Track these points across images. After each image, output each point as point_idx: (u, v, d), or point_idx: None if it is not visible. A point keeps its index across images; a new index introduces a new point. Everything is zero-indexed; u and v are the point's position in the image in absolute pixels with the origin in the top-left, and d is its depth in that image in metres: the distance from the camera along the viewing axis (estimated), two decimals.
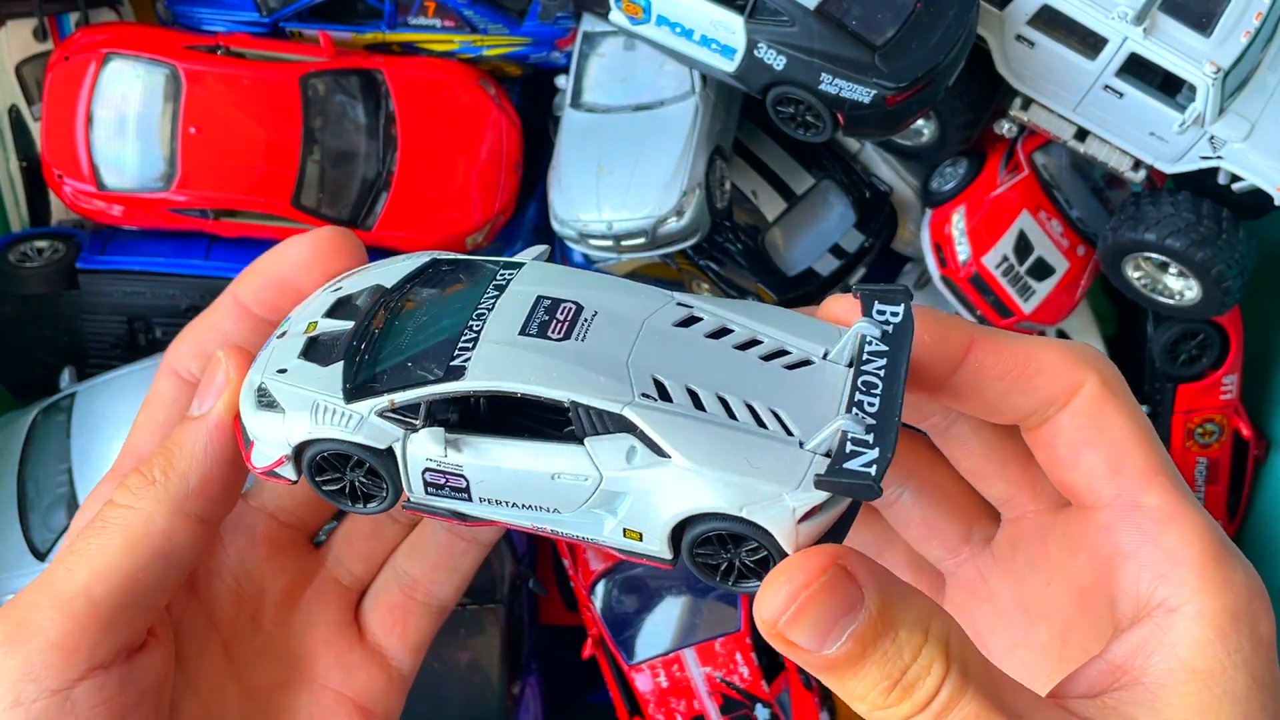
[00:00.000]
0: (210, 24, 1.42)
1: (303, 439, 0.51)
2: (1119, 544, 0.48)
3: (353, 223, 1.39)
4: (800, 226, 1.44)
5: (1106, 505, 0.49)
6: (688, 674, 1.34)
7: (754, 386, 0.48)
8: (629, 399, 0.47)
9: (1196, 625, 0.45)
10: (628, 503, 0.48)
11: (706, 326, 0.51)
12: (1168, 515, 0.47)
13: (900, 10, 1.16)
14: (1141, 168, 1.31)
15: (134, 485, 0.53)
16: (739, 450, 0.46)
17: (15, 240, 1.38)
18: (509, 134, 1.44)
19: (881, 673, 0.43)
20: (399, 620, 0.65)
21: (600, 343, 0.49)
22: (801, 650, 0.44)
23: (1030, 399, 0.50)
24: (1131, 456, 0.49)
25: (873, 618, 0.43)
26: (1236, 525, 1.55)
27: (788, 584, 0.43)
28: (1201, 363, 1.47)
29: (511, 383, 0.48)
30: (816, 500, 0.45)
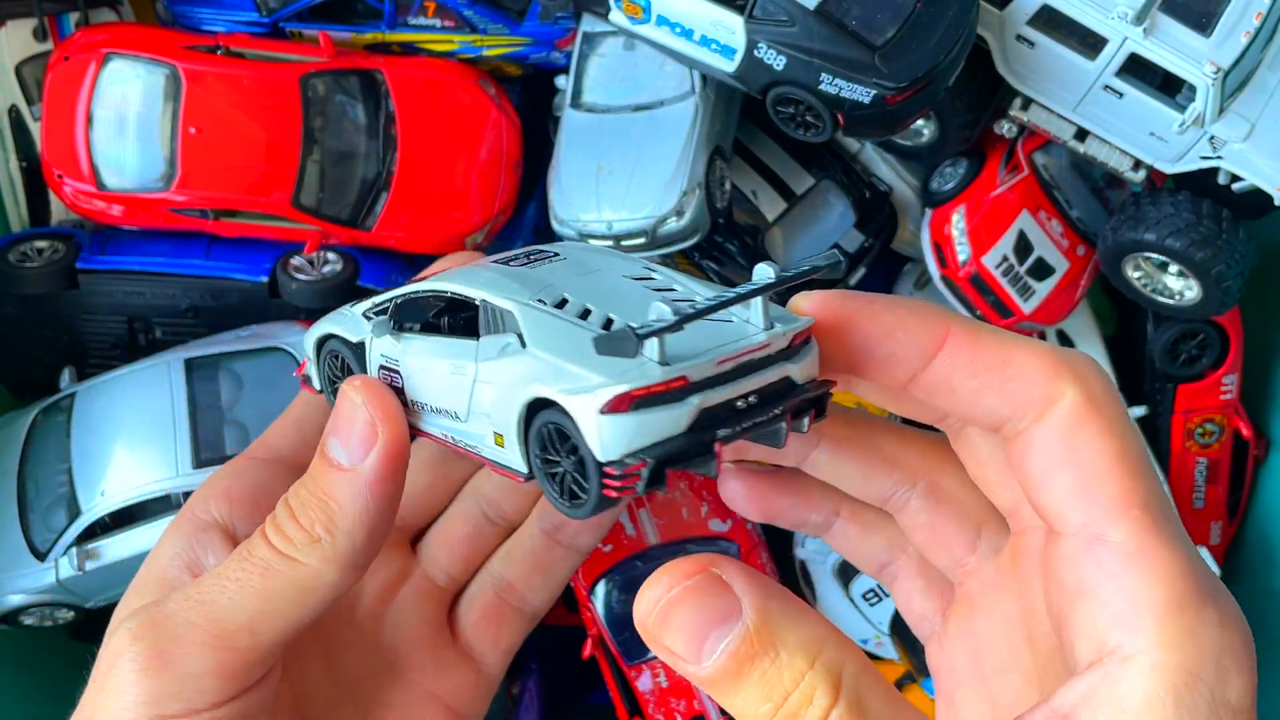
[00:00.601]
0: (210, 24, 1.42)
1: (317, 335, 0.60)
2: (1080, 579, 0.44)
3: (352, 223, 1.39)
4: (800, 226, 1.44)
5: (1073, 534, 0.45)
6: None
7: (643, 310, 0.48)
8: (525, 300, 0.49)
9: (1148, 680, 0.40)
10: (494, 398, 0.49)
11: (651, 283, 0.52)
12: (1134, 554, 0.43)
13: (900, 10, 1.16)
14: (1141, 168, 1.31)
15: (295, 538, 0.53)
16: (578, 342, 0.46)
17: (15, 240, 1.38)
18: (509, 134, 1.44)
19: (760, 693, 0.41)
20: (492, 623, 0.66)
21: (543, 271, 0.52)
22: (680, 660, 0.42)
23: (1004, 403, 0.47)
24: (1105, 483, 0.44)
25: (749, 633, 0.41)
26: (1236, 525, 1.55)
27: (658, 580, 0.43)
28: (1201, 363, 1.47)
29: (446, 283, 0.53)
30: (625, 389, 0.43)
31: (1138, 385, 1.51)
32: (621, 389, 0.43)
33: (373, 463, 0.52)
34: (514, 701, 1.36)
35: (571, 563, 0.67)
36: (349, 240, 1.40)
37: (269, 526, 0.54)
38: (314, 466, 0.53)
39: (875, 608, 1.43)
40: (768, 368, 0.47)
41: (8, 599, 1.24)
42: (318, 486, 0.53)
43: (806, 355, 0.48)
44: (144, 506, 1.21)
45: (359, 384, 0.53)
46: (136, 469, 1.21)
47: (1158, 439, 1.50)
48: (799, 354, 0.48)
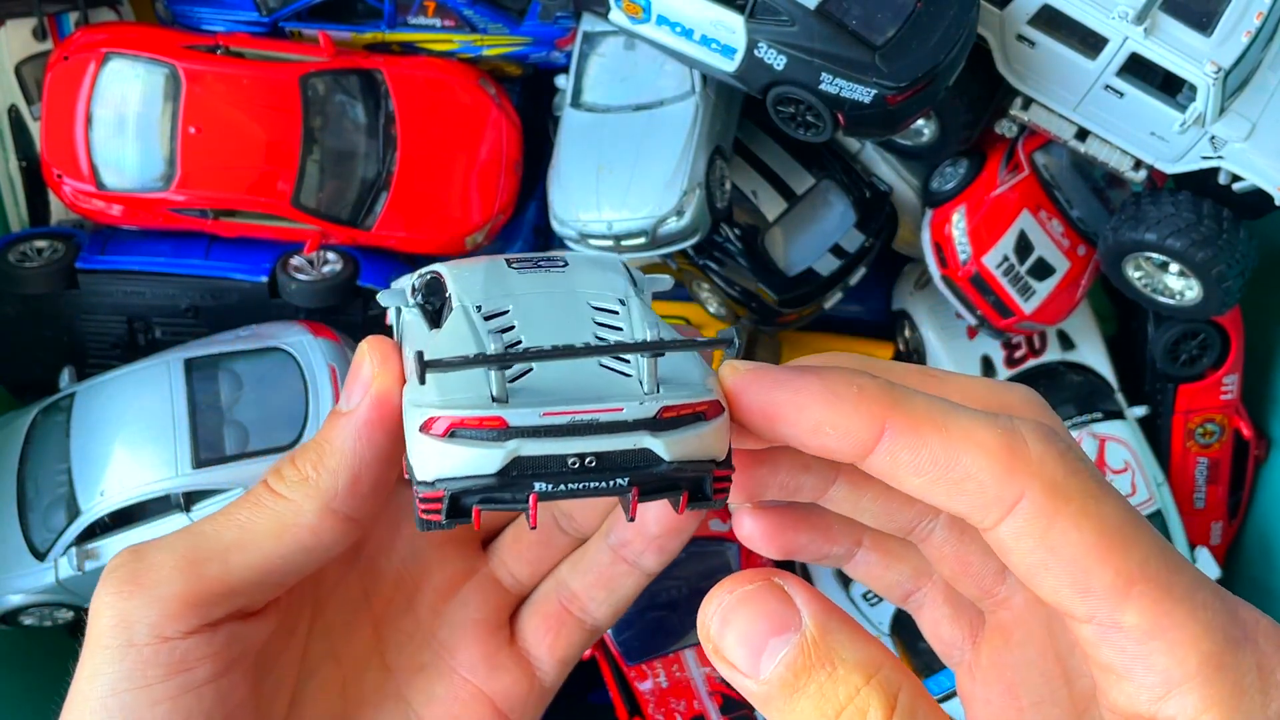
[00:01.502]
0: (210, 24, 1.42)
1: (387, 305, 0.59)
2: (1108, 664, 0.43)
3: (352, 223, 1.39)
4: (800, 226, 1.44)
5: (1085, 621, 0.43)
6: (688, 674, 1.34)
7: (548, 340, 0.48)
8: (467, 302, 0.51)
9: None
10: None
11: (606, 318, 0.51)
12: (1153, 632, 0.41)
13: (900, 10, 1.16)
14: (1142, 167, 1.31)
15: (287, 476, 0.54)
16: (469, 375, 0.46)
17: (15, 240, 1.38)
18: (509, 134, 1.44)
19: (814, 708, 0.40)
20: (551, 630, 0.65)
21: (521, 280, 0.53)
22: (739, 673, 0.42)
23: (956, 504, 0.44)
24: (1096, 574, 0.42)
25: (807, 645, 0.41)
26: (1237, 525, 1.55)
27: (718, 590, 0.43)
28: (1202, 363, 1.46)
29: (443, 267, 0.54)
30: (435, 414, 0.44)
31: (1138, 385, 1.50)
32: (437, 414, 0.44)
33: (365, 404, 0.53)
34: None
35: (637, 581, 0.65)
36: (349, 240, 1.40)
37: (270, 471, 0.55)
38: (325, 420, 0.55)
39: (875, 608, 1.43)
40: (618, 433, 0.45)
41: (8, 599, 1.24)
42: (320, 433, 0.54)
43: (688, 432, 0.45)
44: (143, 506, 1.21)
45: (370, 339, 0.54)
46: (136, 469, 1.20)
47: (1158, 439, 1.50)
48: (673, 428, 0.45)
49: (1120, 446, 1.43)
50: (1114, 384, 1.48)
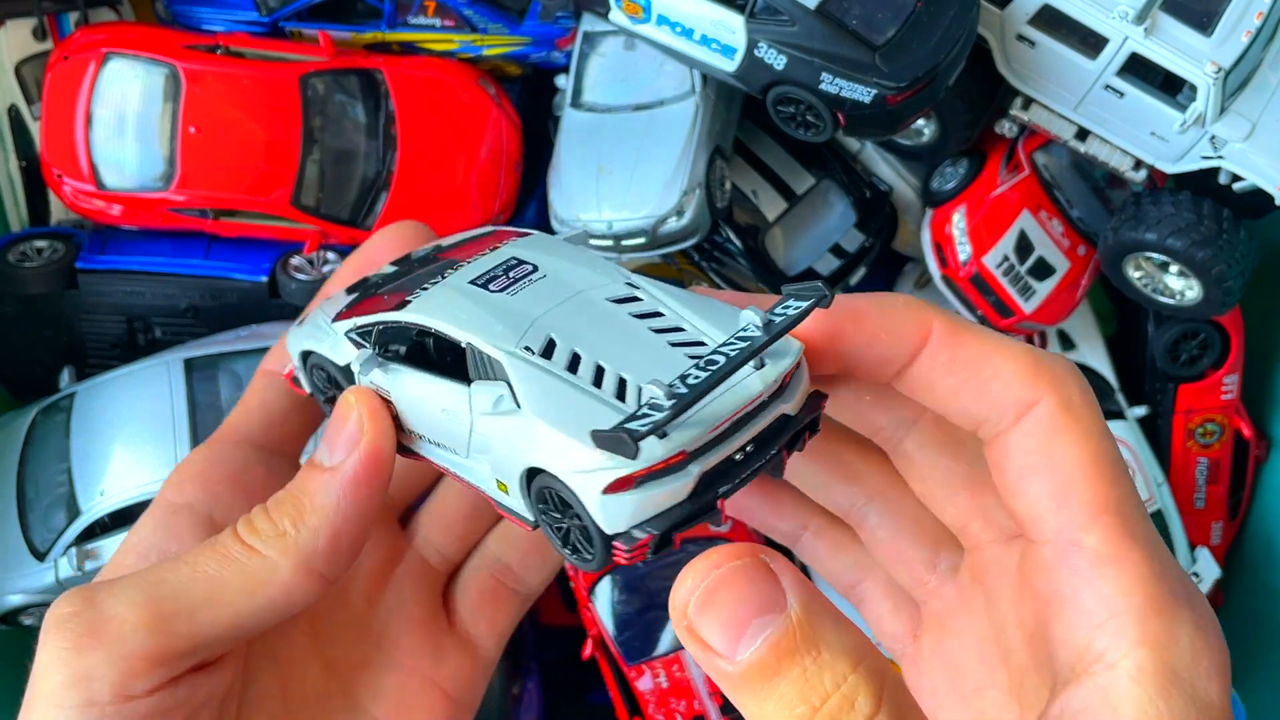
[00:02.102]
0: (210, 24, 1.42)
1: (301, 349, 0.58)
2: (1057, 586, 0.44)
3: (352, 222, 1.39)
4: (800, 226, 1.44)
5: (1048, 541, 0.45)
6: (688, 674, 1.34)
7: (640, 363, 0.47)
8: (510, 348, 0.48)
9: (1137, 684, 0.41)
10: (495, 451, 0.49)
11: (637, 308, 0.51)
12: (1108, 558, 0.43)
13: (900, 10, 1.16)
14: (1142, 167, 1.31)
15: (262, 529, 0.51)
16: (583, 415, 0.45)
17: (15, 240, 1.38)
18: (509, 134, 1.44)
19: (797, 693, 0.39)
20: (489, 605, 0.64)
21: (524, 300, 0.50)
22: (713, 654, 0.40)
23: (980, 405, 0.47)
24: (1079, 490, 0.44)
25: (792, 627, 0.39)
26: (1237, 525, 1.55)
27: (700, 563, 0.41)
28: (1202, 362, 1.46)
29: (430, 319, 0.51)
30: (623, 472, 0.43)
31: (1138, 385, 1.50)
32: (622, 472, 0.43)
33: (353, 461, 0.51)
34: (514, 701, 1.36)
35: None
36: (349, 240, 1.40)
37: (241, 522, 0.52)
38: (300, 471, 0.52)
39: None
40: (762, 413, 0.46)
41: (7, 599, 1.24)
42: (296, 486, 0.52)
43: (798, 384, 0.48)
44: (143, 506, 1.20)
45: (356, 391, 0.53)
46: (136, 469, 1.20)
47: (1158, 439, 1.50)
48: (790, 387, 0.47)
49: (1120, 446, 1.43)
50: (1114, 384, 1.48)
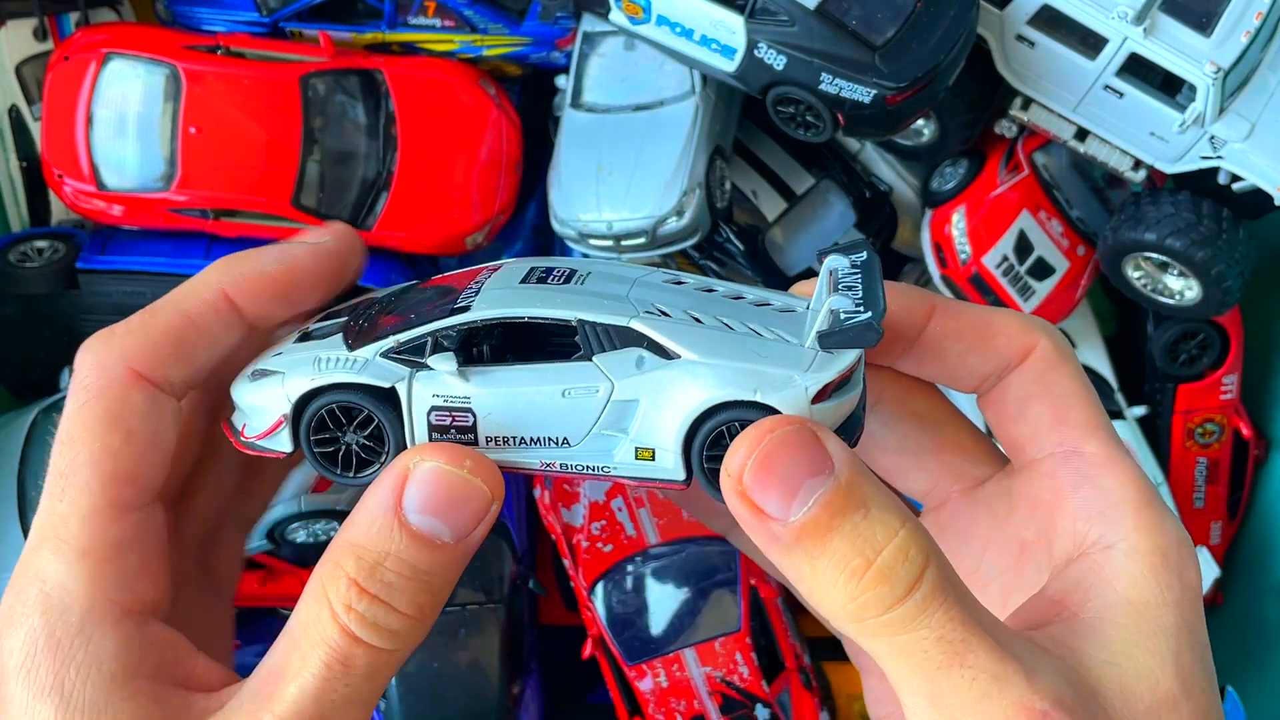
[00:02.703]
0: (210, 24, 1.42)
1: (305, 390, 0.50)
2: (1060, 486, 0.50)
3: (353, 223, 1.39)
4: (800, 226, 1.44)
5: (1050, 454, 0.51)
6: (688, 674, 1.35)
7: (748, 317, 0.50)
8: (634, 313, 0.49)
9: (1132, 561, 0.46)
10: (640, 413, 0.49)
11: (694, 285, 0.53)
12: (1106, 460, 0.50)
13: (900, 10, 1.16)
14: (1142, 167, 1.31)
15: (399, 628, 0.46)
16: (747, 347, 0.48)
17: (15, 240, 1.38)
18: (509, 134, 1.44)
19: (852, 547, 0.41)
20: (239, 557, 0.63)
21: (598, 286, 0.51)
22: (766, 518, 0.42)
23: (988, 360, 0.53)
24: (1075, 410, 0.51)
25: (841, 486, 0.42)
26: (1236, 525, 1.55)
27: (752, 432, 0.43)
28: (1201, 362, 1.47)
29: (517, 309, 0.49)
30: (827, 379, 0.46)
31: (1138, 385, 1.50)
32: (827, 379, 0.46)
33: (481, 532, 0.48)
34: (514, 701, 1.36)
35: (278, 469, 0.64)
36: None
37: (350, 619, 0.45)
38: (396, 541, 0.46)
39: None
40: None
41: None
42: (412, 567, 0.46)
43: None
44: None
45: (466, 457, 0.47)
46: None
47: (1158, 439, 1.50)
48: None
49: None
50: (1114, 384, 1.48)
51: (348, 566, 0.45)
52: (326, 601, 0.45)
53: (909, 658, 0.41)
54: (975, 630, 0.41)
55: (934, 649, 0.41)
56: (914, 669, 0.41)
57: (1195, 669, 0.45)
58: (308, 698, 0.45)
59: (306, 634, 0.46)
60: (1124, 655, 0.44)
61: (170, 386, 0.52)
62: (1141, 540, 0.47)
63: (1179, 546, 0.47)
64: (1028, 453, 0.52)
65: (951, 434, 0.57)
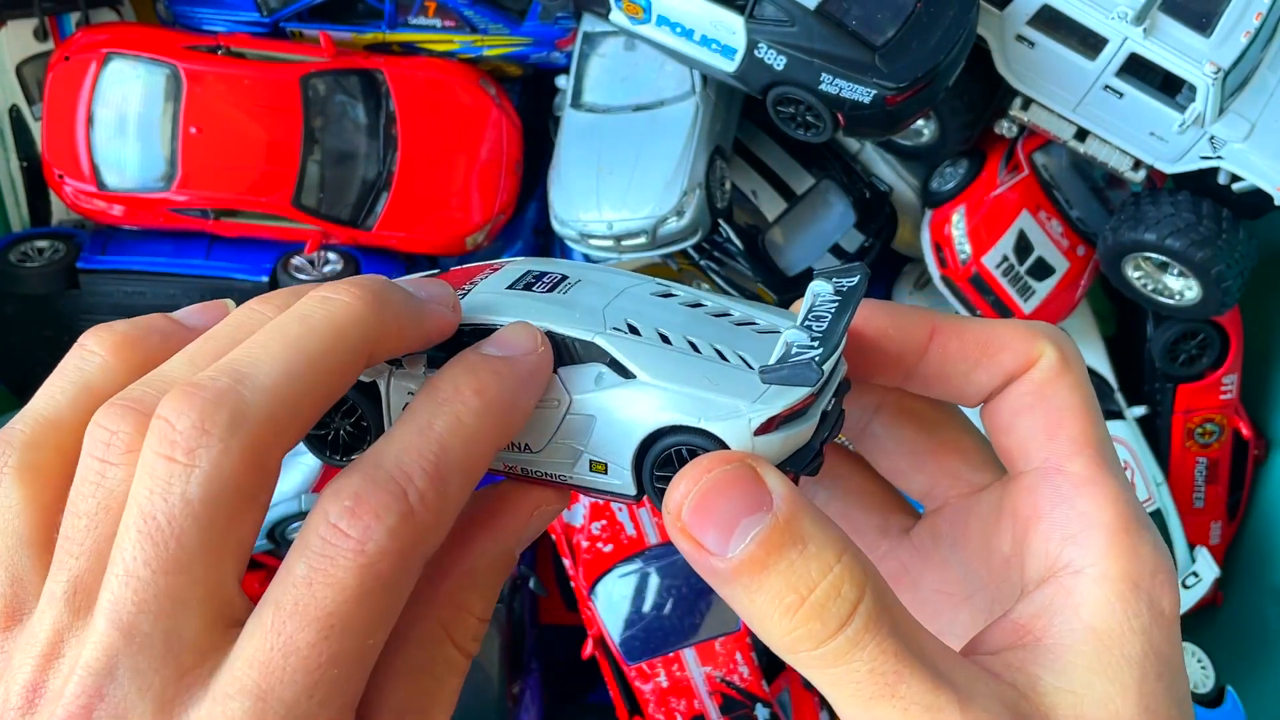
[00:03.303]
0: (211, 24, 1.42)
1: None
2: (1038, 504, 0.50)
3: (353, 223, 1.39)
4: (800, 226, 1.44)
5: (1035, 469, 0.51)
6: (688, 674, 1.35)
7: (722, 337, 0.50)
8: (600, 329, 0.49)
9: (1099, 587, 0.46)
10: (594, 429, 0.50)
11: (682, 299, 0.54)
12: (1087, 480, 0.49)
13: (900, 10, 1.16)
14: (1141, 168, 1.31)
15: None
16: (702, 373, 0.48)
17: (16, 240, 1.38)
18: (509, 134, 1.44)
19: (785, 584, 0.42)
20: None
21: (580, 296, 0.52)
22: (705, 553, 0.43)
23: (994, 376, 0.52)
24: (1067, 425, 0.50)
25: (779, 523, 0.42)
26: (1236, 525, 1.55)
27: (691, 470, 0.44)
28: (1201, 362, 1.47)
29: (492, 316, 0.50)
30: (772, 412, 0.46)
31: (1138, 385, 1.51)
32: (772, 413, 0.46)
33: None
34: (514, 701, 1.36)
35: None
36: (349, 240, 1.40)
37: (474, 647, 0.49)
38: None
39: None
40: (838, 368, 0.50)
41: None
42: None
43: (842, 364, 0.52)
44: None
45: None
46: None
47: (1157, 439, 1.50)
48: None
49: (1119, 446, 1.43)
50: (1113, 384, 1.49)
51: (475, 608, 0.48)
52: (451, 643, 0.47)
53: (842, 688, 0.42)
54: (909, 662, 0.42)
55: (865, 680, 0.42)
56: (848, 699, 0.42)
57: (1161, 697, 0.45)
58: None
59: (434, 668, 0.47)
60: (1081, 683, 0.44)
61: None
62: (1112, 566, 0.46)
63: (1154, 574, 0.47)
64: (1017, 465, 0.52)
65: (954, 438, 0.57)
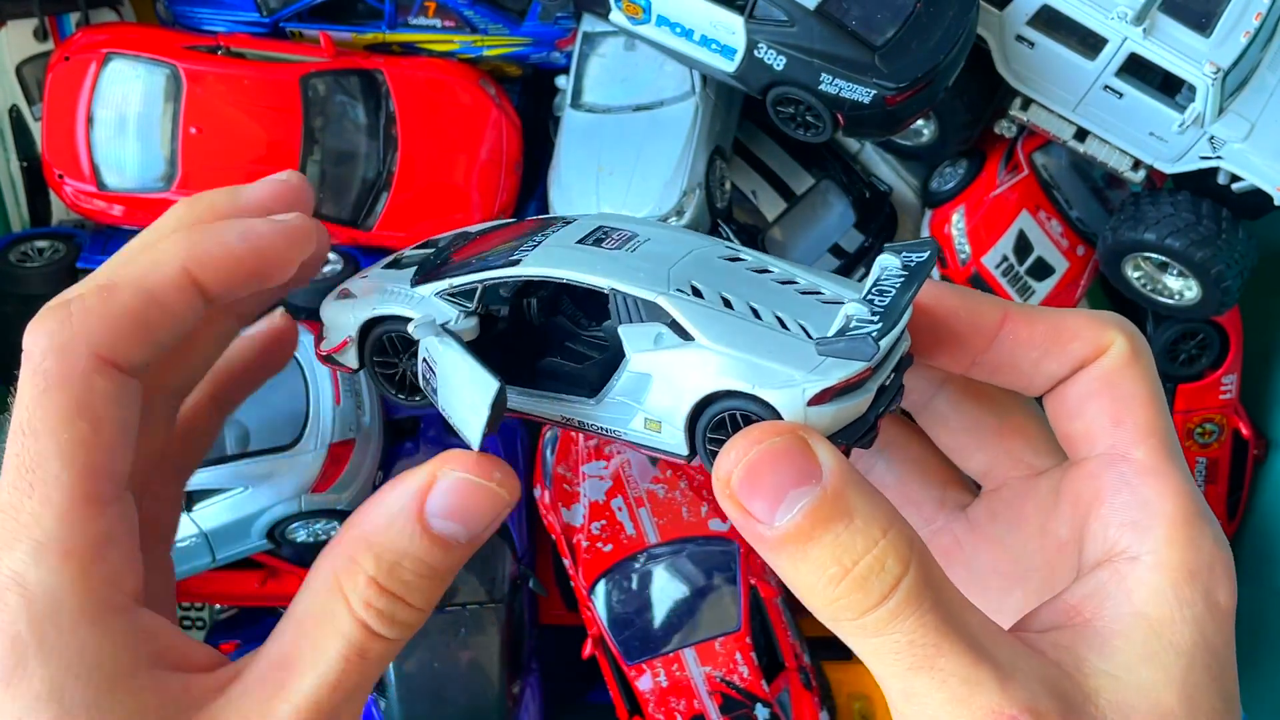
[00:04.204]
0: (211, 24, 1.42)
1: (367, 318, 0.55)
2: (1100, 489, 0.50)
3: (353, 222, 1.39)
4: (800, 226, 1.44)
5: (1099, 455, 0.51)
6: (688, 673, 1.35)
7: (785, 305, 0.51)
8: (664, 290, 0.50)
9: (1154, 574, 0.46)
10: (651, 388, 0.51)
11: (750, 264, 0.54)
12: (1151, 469, 0.49)
13: (900, 10, 1.16)
14: (1141, 168, 1.31)
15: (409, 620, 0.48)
16: (760, 340, 0.49)
17: (16, 240, 1.38)
18: (509, 134, 1.44)
19: (831, 556, 0.43)
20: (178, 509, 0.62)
21: (648, 255, 0.53)
22: (754, 521, 0.43)
23: (1063, 364, 0.52)
24: (1135, 413, 0.50)
25: (827, 496, 0.43)
26: (1236, 525, 1.55)
27: (742, 439, 0.44)
28: (1201, 362, 1.47)
29: (559, 270, 0.51)
30: (828, 384, 0.47)
31: None
32: (828, 384, 0.47)
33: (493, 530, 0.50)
34: (514, 701, 1.36)
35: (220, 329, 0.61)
36: (349, 240, 1.40)
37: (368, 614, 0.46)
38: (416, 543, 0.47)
39: None
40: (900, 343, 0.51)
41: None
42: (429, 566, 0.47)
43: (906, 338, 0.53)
44: None
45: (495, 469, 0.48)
46: None
47: None
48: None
49: None
50: None
51: (366, 564, 0.47)
52: (342, 596, 0.46)
53: (881, 658, 0.43)
54: (949, 635, 0.43)
55: (904, 652, 0.43)
56: (886, 670, 0.43)
57: (1206, 690, 0.45)
58: (326, 687, 0.46)
59: (320, 626, 0.47)
60: (1125, 668, 0.44)
61: (134, 369, 0.49)
62: (1171, 555, 0.46)
63: (1211, 567, 0.46)
64: (1080, 451, 0.52)
65: (1018, 420, 0.57)
